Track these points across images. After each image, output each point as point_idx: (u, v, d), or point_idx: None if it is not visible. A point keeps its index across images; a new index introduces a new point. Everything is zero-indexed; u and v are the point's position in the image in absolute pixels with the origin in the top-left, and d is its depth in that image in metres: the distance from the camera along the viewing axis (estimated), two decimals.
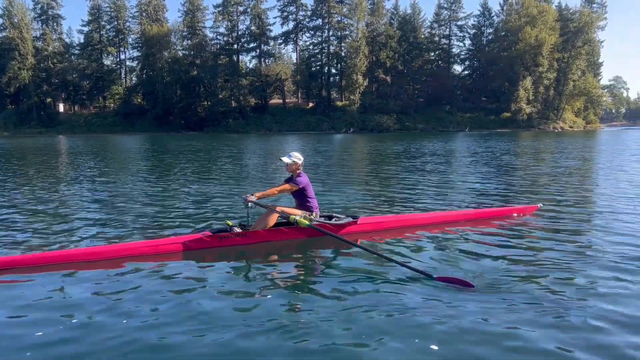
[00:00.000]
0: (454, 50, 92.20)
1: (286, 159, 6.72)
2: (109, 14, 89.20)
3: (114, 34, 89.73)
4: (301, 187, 6.63)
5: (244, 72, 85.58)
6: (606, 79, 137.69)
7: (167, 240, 6.16)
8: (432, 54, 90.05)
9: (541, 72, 76.92)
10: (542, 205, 8.34)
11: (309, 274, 5.38)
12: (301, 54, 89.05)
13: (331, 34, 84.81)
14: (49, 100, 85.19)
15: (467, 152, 25.99)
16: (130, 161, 22.05)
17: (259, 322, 3.89)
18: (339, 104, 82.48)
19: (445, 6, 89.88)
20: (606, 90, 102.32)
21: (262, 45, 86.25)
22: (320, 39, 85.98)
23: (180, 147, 34.29)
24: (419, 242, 6.39)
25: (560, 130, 75.97)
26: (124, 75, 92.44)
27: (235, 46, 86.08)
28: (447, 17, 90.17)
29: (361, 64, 76.54)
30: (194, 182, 13.36)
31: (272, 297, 4.49)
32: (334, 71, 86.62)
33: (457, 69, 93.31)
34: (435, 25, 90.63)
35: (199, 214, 8.44)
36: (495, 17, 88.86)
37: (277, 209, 6.45)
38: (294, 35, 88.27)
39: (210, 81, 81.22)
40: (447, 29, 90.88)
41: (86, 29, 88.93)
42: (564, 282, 4.68)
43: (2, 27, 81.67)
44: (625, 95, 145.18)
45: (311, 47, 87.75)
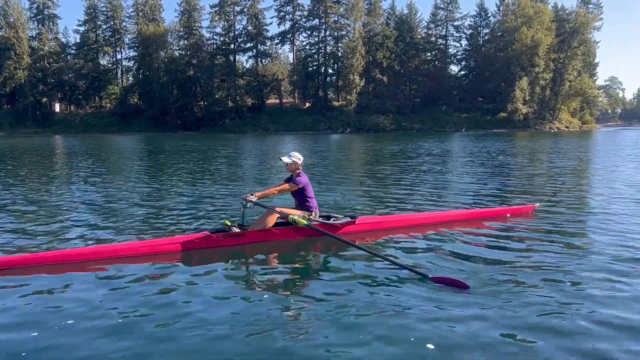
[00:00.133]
0: (450, 50, 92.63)
1: (286, 159, 6.73)
2: (105, 13, 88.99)
3: (110, 33, 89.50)
4: (301, 186, 6.64)
5: (240, 72, 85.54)
6: (602, 79, 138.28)
7: (165, 240, 6.16)
8: (429, 54, 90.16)
9: (537, 73, 77.09)
10: (538, 205, 8.37)
11: (306, 273, 5.38)
12: (298, 54, 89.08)
13: (328, 34, 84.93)
14: (44, 100, 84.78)
15: (464, 152, 26.05)
16: (127, 161, 22.00)
17: (257, 321, 3.89)
18: (336, 104, 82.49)
19: (441, 6, 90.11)
20: (602, 90, 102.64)
21: (259, 45, 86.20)
22: (317, 39, 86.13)
23: (176, 147, 34.23)
24: (416, 242, 6.41)
25: (556, 130, 76.18)
26: (120, 75, 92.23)
27: (231, 46, 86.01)
28: (443, 17, 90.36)
29: (358, 64, 76.58)
30: (191, 182, 13.35)
31: (270, 296, 4.50)
32: (330, 71, 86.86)
33: (454, 69, 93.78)
34: (431, 25, 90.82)
35: (197, 214, 8.43)
36: (491, 18, 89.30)
37: (276, 209, 6.46)
38: (290, 35, 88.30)
39: (206, 81, 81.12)
40: (444, 29, 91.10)
41: (82, 29, 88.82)
42: (560, 283, 4.68)
43: None
44: (620, 95, 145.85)
45: (308, 47, 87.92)
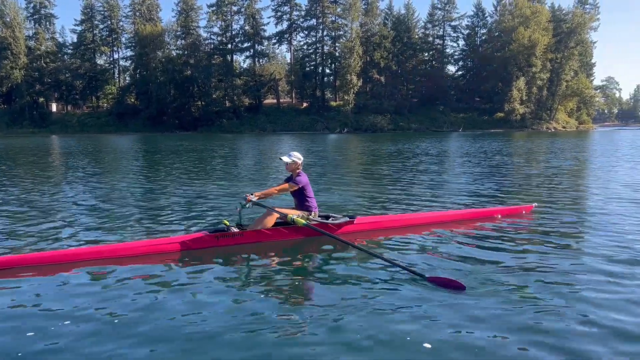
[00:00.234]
0: (447, 50, 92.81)
1: (286, 158, 6.72)
2: (102, 13, 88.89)
3: (107, 33, 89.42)
4: (301, 186, 6.64)
5: (237, 72, 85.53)
6: (599, 79, 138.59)
7: (164, 240, 6.15)
8: (426, 54, 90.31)
9: (534, 73, 77.31)
10: (537, 205, 8.38)
11: (305, 273, 5.38)
12: (295, 54, 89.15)
13: (325, 34, 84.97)
14: (41, 100, 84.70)
15: (461, 152, 26.08)
16: (124, 161, 21.96)
17: (254, 321, 3.90)
18: (333, 104, 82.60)
19: (439, 7, 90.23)
20: (599, 90, 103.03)
21: (256, 45, 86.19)
22: (314, 39, 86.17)
23: (174, 147, 34.19)
24: (414, 241, 6.41)
25: (553, 130, 76.40)
26: (117, 75, 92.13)
27: (229, 46, 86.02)
28: (440, 17, 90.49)
29: (355, 64, 76.65)
30: (189, 182, 13.33)
31: (267, 296, 4.50)
32: (328, 71, 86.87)
33: (451, 69, 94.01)
34: (429, 25, 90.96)
35: (196, 214, 8.42)
36: (488, 18, 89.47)
37: (275, 209, 6.45)
38: (288, 35, 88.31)
39: (204, 81, 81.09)
40: (441, 30, 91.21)
41: (79, 29, 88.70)
42: (556, 284, 4.66)
43: None
44: (617, 95, 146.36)
45: (305, 47, 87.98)
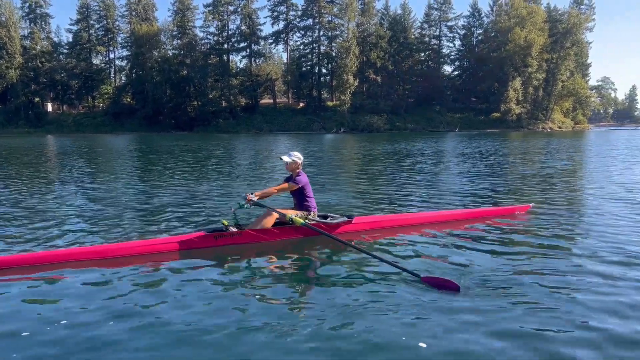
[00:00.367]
0: (444, 50, 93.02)
1: (286, 158, 6.73)
2: (98, 12, 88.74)
3: (103, 33, 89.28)
4: (300, 186, 6.65)
5: (234, 71, 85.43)
6: (594, 79, 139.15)
7: (162, 239, 6.15)
8: (422, 55, 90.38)
9: (530, 73, 77.51)
10: (533, 205, 8.42)
11: (302, 273, 5.40)
12: (292, 53, 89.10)
13: (322, 34, 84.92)
14: (37, 99, 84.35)
15: (458, 152, 26.14)
16: (120, 161, 21.92)
17: (251, 321, 3.91)
18: (330, 104, 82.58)
19: (435, 7, 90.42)
20: (594, 91, 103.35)
21: (253, 45, 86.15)
22: (310, 39, 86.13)
23: (170, 147, 34.14)
24: (411, 241, 6.43)
25: (549, 130, 76.63)
26: (113, 74, 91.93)
27: (225, 46, 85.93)
28: (437, 17, 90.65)
29: (352, 64, 76.68)
30: (187, 182, 13.32)
31: (265, 296, 4.51)
32: (324, 71, 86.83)
33: (447, 69, 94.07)
34: (425, 25, 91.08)
35: (193, 214, 8.42)
36: (485, 18, 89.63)
37: (274, 210, 6.45)
38: (284, 35, 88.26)
39: (200, 81, 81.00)
40: (437, 30, 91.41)
41: (75, 28, 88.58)
42: (552, 285, 4.66)
43: None
44: (613, 96, 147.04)
45: (302, 47, 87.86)
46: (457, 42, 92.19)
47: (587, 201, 9.77)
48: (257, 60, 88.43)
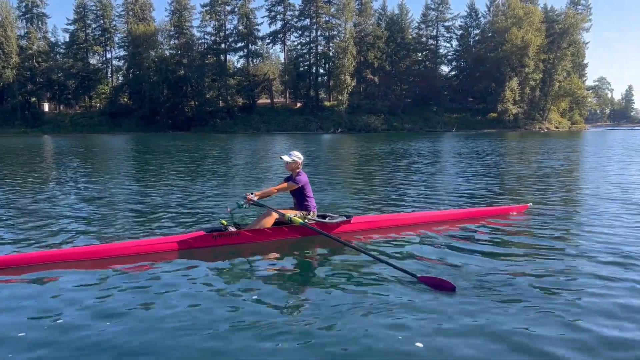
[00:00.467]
0: (441, 50, 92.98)
1: (286, 158, 6.73)
2: (95, 12, 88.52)
3: (100, 32, 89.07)
4: (300, 185, 6.65)
5: (231, 71, 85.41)
6: (591, 80, 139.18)
7: (161, 239, 6.14)
8: (420, 55, 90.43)
9: (527, 73, 77.68)
10: (531, 204, 8.43)
11: (300, 273, 5.40)
12: (289, 53, 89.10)
13: (319, 34, 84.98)
14: (33, 99, 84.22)
15: (456, 152, 26.18)
16: (117, 161, 21.87)
17: (248, 320, 3.91)
18: (327, 104, 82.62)
19: (432, 7, 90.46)
20: (591, 91, 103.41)
21: (250, 45, 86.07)
22: (308, 39, 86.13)
23: (167, 147, 34.09)
24: (409, 241, 6.45)
25: (546, 130, 76.79)
26: (110, 74, 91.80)
27: (222, 46, 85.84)
28: (434, 17, 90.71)
29: (349, 64, 76.72)
30: (184, 182, 13.30)
31: (262, 296, 4.50)
32: (322, 71, 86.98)
33: (444, 69, 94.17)
34: (422, 25, 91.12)
35: (191, 214, 8.41)
36: (482, 18, 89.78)
37: (274, 210, 6.45)
38: (281, 35, 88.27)
39: (197, 81, 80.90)
40: (435, 30, 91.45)
41: (71, 28, 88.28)
42: (548, 285, 4.65)
43: None
44: (609, 96, 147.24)
45: (299, 47, 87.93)
46: (454, 43, 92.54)
47: (584, 201, 9.78)
48: (255, 60, 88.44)
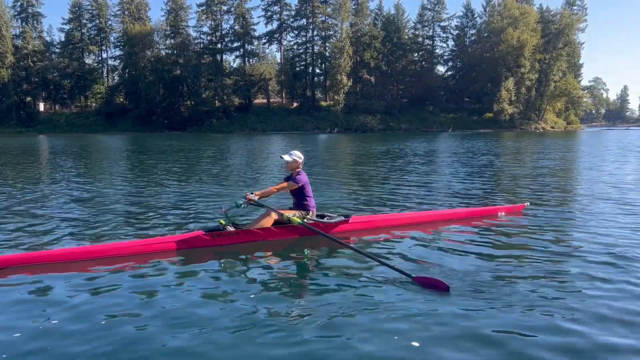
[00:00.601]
0: (437, 51, 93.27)
1: (287, 157, 6.72)
2: (91, 12, 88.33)
3: (96, 32, 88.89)
4: (300, 185, 6.65)
5: (227, 71, 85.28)
6: (586, 80, 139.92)
7: (160, 239, 6.13)
8: (416, 55, 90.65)
9: (523, 73, 77.95)
10: (528, 204, 8.46)
11: (297, 273, 5.40)
12: (285, 53, 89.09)
13: (315, 34, 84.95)
14: (28, 99, 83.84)
15: (452, 152, 26.24)
16: (114, 161, 21.81)
17: (245, 320, 3.91)
18: (323, 104, 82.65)
19: (428, 7, 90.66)
20: (586, 91, 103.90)
21: (246, 44, 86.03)
22: (304, 39, 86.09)
23: (163, 147, 34.03)
24: (405, 240, 6.46)
25: (541, 130, 77.07)
26: (105, 74, 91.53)
27: (218, 45, 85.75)
28: (430, 18, 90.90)
29: (345, 64, 76.77)
30: (182, 181, 13.27)
31: (259, 296, 4.50)
32: (318, 71, 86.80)
33: (441, 69, 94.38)
34: (418, 26, 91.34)
35: (189, 214, 8.39)
36: (478, 19, 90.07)
37: (272, 210, 6.44)
38: (278, 35, 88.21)
39: (193, 81, 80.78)
40: (431, 30, 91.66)
41: (67, 27, 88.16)
42: (542, 285, 4.66)
43: None
44: (605, 96, 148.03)
45: (295, 47, 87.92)
46: (451, 43, 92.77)
47: (579, 201, 9.79)
48: (251, 60, 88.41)
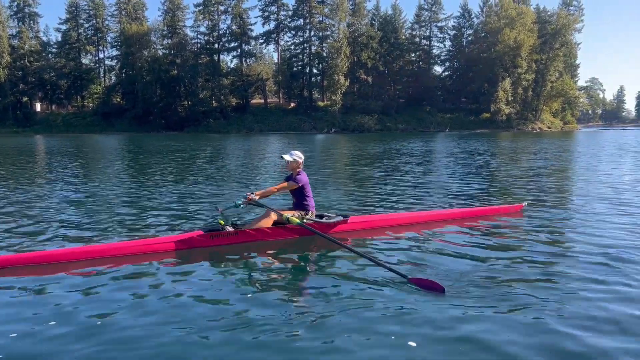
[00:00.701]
0: (434, 51, 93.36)
1: (287, 157, 6.72)
2: (87, 12, 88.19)
3: (93, 32, 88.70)
4: (301, 185, 6.66)
5: (225, 71, 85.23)
6: (583, 80, 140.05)
7: (159, 239, 6.13)
8: (413, 55, 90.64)
9: (520, 74, 78.05)
10: (526, 204, 8.48)
11: (295, 273, 5.41)
12: (283, 54, 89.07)
13: (312, 34, 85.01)
14: (25, 99, 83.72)
15: (450, 152, 26.28)
16: (111, 161, 21.77)
17: (242, 320, 3.93)
18: (321, 104, 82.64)
19: (425, 7, 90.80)
20: (583, 91, 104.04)
21: (243, 44, 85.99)
22: (301, 39, 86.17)
23: (161, 147, 33.97)
24: (403, 241, 6.48)
25: (538, 130, 77.21)
26: (102, 74, 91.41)
27: (216, 46, 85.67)
28: (427, 18, 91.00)
29: (342, 65, 76.77)
30: (179, 182, 13.26)
31: (257, 296, 4.52)
32: (315, 71, 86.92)
33: (438, 69, 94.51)
34: (416, 26, 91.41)
35: (188, 214, 8.39)
36: (475, 19, 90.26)
37: (272, 210, 6.45)
38: (275, 35, 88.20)
39: (190, 81, 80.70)
40: (428, 30, 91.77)
41: (64, 27, 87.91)
42: (539, 286, 4.68)
43: None
44: (601, 96, 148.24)
45: (293, 47, 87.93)
46: (448, 43, 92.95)
47: (576, 201, 9.82)
48: (248, 60, 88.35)
